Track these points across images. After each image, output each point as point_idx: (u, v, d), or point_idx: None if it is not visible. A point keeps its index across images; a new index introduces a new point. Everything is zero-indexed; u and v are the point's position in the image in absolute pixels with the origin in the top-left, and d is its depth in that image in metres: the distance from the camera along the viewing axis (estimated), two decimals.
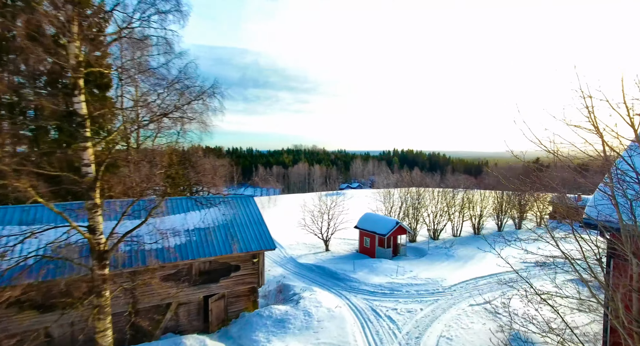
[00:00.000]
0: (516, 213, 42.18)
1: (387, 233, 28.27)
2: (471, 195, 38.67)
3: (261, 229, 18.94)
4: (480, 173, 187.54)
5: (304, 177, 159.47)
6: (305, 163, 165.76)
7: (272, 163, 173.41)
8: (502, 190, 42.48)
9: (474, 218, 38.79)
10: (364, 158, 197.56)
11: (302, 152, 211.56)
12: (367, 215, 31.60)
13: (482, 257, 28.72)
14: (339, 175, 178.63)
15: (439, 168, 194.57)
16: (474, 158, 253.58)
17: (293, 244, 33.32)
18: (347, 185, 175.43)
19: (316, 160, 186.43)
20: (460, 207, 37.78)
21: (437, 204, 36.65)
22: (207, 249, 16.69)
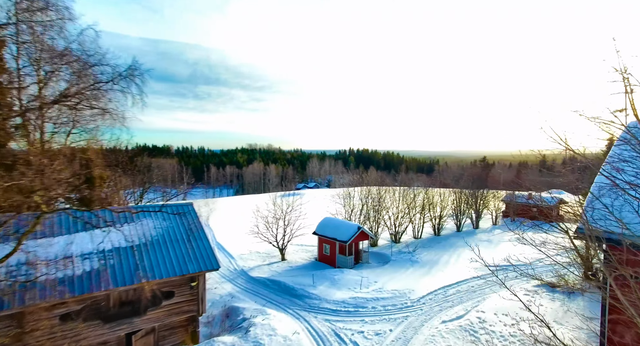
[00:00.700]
0: (473, 213, 42.04)
1: (349, 240, 25.93)
2: (431, 196, 37.66)
3: (202, 245, 15.59)
4: (432, 171, 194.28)
5: (259, 177, 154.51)
6: (260, 163, 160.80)
7: (225, 163, 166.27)
8: (456, 188, 42.18)
9: (434, 219, 37.85)
10: (320, 157, 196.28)
11: (257, 151, 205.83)
12: (327, 219, 29.09)
13: (446, 262, 27.38)
14: (296, 174, 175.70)
15: (393, 167, 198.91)
16: (425, 157, 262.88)
17: (245, 254, 29.95)
18: (303, 185, 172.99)
19: (272, 160, 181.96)
20: (421, 208, 36.60)
21: (398, 205, 35.12)
22: (128, 275, 13.08)
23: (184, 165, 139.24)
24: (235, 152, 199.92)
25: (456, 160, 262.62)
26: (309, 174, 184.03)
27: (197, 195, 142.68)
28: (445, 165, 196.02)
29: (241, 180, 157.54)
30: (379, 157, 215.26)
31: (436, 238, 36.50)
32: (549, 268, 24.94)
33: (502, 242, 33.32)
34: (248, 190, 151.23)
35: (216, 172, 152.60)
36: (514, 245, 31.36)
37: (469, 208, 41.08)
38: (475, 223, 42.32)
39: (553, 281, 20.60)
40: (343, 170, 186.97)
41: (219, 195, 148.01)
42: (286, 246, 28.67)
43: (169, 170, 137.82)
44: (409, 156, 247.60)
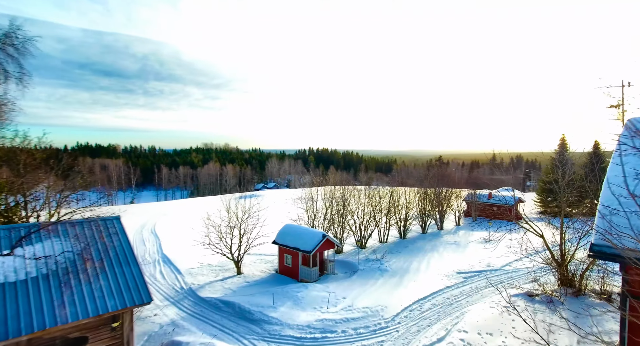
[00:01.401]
0: (437, 214, 41.19)
1: (313, 250, 23.30)
2: (397, 199, 36.10)
3: (129, 272, 12.17)
4: (390, 171, 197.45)
5: (216, 178, 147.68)
6: (216, 163, 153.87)
7: (178, 164, 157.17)
8: (420, 187, 41.16)
9: (400, 221, 36.33)
10: (279, 157, 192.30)
11: (213, 151, 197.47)
12: (288, 227, 26.24)
13: (417, 269, 25.64)
14: (254, 175, 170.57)
15: (353, 167, 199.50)
16: (383, 156, 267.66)
17: (195, 268, 26.29)
18: (262, 185, 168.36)
19: (229, 160, 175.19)
20: (387, 211, 34.88)
21: (364, 209, 33.10)
22: (13, 324, 9.45)
23: (131, 165, 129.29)
24: (190, 152, 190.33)
25: (412, 159, 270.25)
26: (268, 174, 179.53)
27: (146, 197, 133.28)
28: (403, 164, 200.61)
29: (196, 181, 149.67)
30: (338, 157, 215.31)
31: (402, 241, 34.96)
32: (521, 272, 23.97)
33: (469, 244, 32.41)
34: (204, 191, 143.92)
35: (168, 173, 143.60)
36: (481, 249, 30.52)
37: (433, 209, 40.13)
38: (440, 224, 41.51)
39: (531, 291, 19.35)
40: (303, 170, 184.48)
41: (171, 197, 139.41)
42: (242, 257, 25.45)
43: (114, 171, 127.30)
44: (368, 155, 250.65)
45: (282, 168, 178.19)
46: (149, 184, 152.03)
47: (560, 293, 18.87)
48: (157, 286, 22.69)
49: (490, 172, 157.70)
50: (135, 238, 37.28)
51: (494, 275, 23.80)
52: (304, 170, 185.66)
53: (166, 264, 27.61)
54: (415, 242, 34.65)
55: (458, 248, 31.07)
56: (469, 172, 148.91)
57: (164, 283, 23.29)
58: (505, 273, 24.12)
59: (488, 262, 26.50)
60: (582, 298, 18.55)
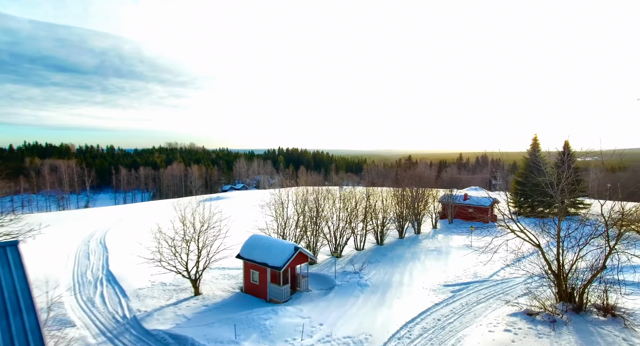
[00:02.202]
0: (414, 218, 39.18)
1: (283, 265, 20.16)
2: (374, 203, 33.62)
3: (18, 325, 8.51)
4: (361, 170, 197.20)
5: (180, 179, 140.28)
6: (180, 164, 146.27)
7: (139, 164, 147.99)
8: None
9: (377, 227, 33.90)
10: (248, 157, 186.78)
11: (178, 150, 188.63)
12: (255, 238, 22.91)
13: (399, 283, 23.13)
14: (221, 175, 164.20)
15: (323, 167, 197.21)
16: (353, 156, 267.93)
17: (144, 288, 22.37)
18: (230, 187, 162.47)
19: (194, 160, 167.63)
20: (364, 216, 32.31)
21: (339, 215, 30.33)
22: None
23: (85, 166, 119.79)
24: (152, 152, 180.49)
25: (381, 158, 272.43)
26: (236, 175, 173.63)
27: (103, 201, 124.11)
28: (373, 164, 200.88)
29: (158, 182, 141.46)
30: (308, 157, 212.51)
31: (380, 248, 32.53)
32: (512, 283, 22.05)
33: (451, 250, 30.44)
34: (167, 193, 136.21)
35: (127, 174, 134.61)
36: (463, 256, 28.62)
37: (410, 213, 38.05)
38: (417, 228, 39.56)
39: (530, 309, 17.25)
40: (272, 170, 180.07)
41: (131, 200, 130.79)
42: (201, 275, 21.82)
43: (65, 172, 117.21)
44: (338, 155, 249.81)
45: (251, 168, 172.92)
46: (107, 186, 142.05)
47: (560, 310, 16.91)
48: (93, 316, 18.66)
49: (458, 172, 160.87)
50: (79, 251, 32.46)
51: (483, 287, 21.71)
52: (274, 170, 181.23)
53: (110, 284, 23.44)
54: (394, 248, 32.30)
55: (440, 256, 28.98)
56: (437, 172, 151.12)
57: (102, 311, 19.28)
58: (495, 285, 22.11)
59: (474, 272, 24.48)
60: (585, 315, 16.68)
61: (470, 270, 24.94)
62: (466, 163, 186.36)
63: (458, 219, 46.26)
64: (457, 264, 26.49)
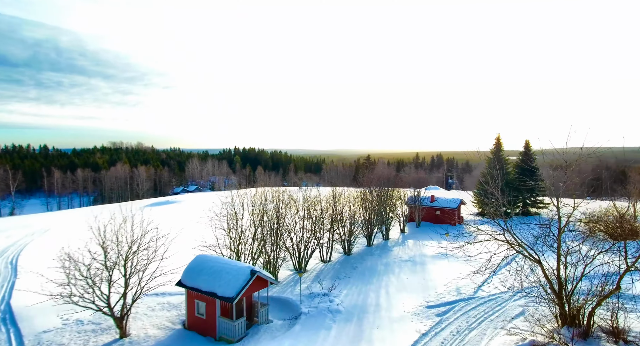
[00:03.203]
0: (382, 222, 36.37)
1: (237, 295, 16.01)
2: (340, 208, 30.23)
3: None
4: (320, 170, 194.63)
5: (125, 182, 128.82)
6: (126, 165, 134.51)
7: (77, 165, 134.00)
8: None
9: (344, 235, 30.56)
10: (202, 157, 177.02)
11: (123, 150, 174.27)
12: (201, 260, 18.46)
13: (376, 306, 19.81)
14: (172, 177, 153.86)
15: (281, 167, 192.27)
16: (312, 156, 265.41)
17: (51, 330, 17.07)
18: (182, 189, 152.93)
19: (142, 161, 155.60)
20: (330, 225, 28.78)
21: (303, 224, 26.55)
22: None
23: (10, 168, 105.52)
24: (93, 152, 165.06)
25: (340, 158, 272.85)
26: (189, 176, 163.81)
27: (33, 207, 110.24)
28: (332, 163, 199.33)
29: (100, 185, 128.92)
30: (266, 156, 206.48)
31: (348, 259, 29.21)
32: (501, 301, 19.54)
33: (426, 260, 27.79)
34: (110, 197, 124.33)
35: (62, 177, 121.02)
36: (440, 267, 26.06)
37: (378, 218, 35.17)
38: (386, 234, 36.80)
39: (537, 341, 14.59)
40: (228, 170, 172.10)
41: (67, 206, 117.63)
42: (129, 310, 17.00)
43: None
44: (297, 155, 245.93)
45: (205, 169, 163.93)
46: (38, 190, 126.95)
47: (567, 338, 14.45)
48: None
49: (416, 171, 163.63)
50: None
51: (470, 307, 18.99)
52: (230, 171, 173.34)
53: (4, 325, 17.81)
54: (364, 259, 29.11)
55: (415, 268, 26.16)
56: (396, 171, 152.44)
57: None
58: (482, 303, 19.49)
59: (456, 286, 21.83)
60: (594, 342, 14.37)
61: (452, 284, 22.27)
62: (422, 163, 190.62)
63: (425, 222, 44.35)
64: (435, 277, 23.78)
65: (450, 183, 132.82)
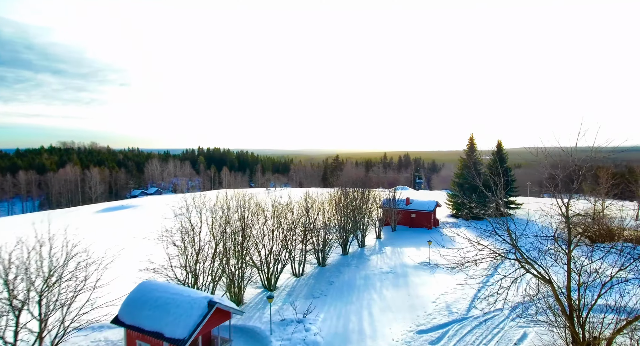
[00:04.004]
0: (357, 227, 33.83)
1: (190, 337, 12.60)
2: (314, 215, 27.27)
3: None
4: (288, 171, 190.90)
5: (75, 184, 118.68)
6: (76, 166, 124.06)
7: (19, 167, 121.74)
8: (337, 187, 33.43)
9: (319, 245, 27.65)
10: (163, 157, 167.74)
11: (74, 151, 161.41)
12: (145, 289, 14.76)
13: (359, 332, 17.03)
14: (130, 179, 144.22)
15: (248, 167, 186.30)
16: (279, 155, 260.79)
17: None
18: (141, 191, 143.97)
19: (95, 162, 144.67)
20: (303, 235, 25.71)
21: (273, 236, 23.31)
22: None
23: None
24: (40, 152, 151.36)
25: (308, 158, 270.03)
26: (149, 177, 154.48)
27: None
28: (300, 163, 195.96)
29: (46, 189, 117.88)
30: (232, 157, 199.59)
31: (323, 272, 26.33)
32: (497, 321, 17.38)
33: (408, 271, 25.41)
34: (59, 202, 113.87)
35: (1, 180, 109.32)
36: (425, 278, 23.79)
37: (353, 224, 32.58)
38: (362, 240, 34.29)
39: None
40: (192, 171, 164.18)
41: (7, 212, 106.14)
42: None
43: None
44: (264, 155, 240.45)
45: (166, 170, 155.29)
46: None
47: None
48: None
49: (384, 171, 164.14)
50: None
51: (466, 331, 16.67)
52: (193, 172, 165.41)
53: None
54: (340, 271, 26.32)
55: (398, 281, 23.69)
56: (365, 171, 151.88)
57: None
58: (479, 325, 17.24)
59: (446, 304, 19.53)
60: None
61: (440, 301, 19.95)
62: (390, 163, 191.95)
63: (401, 225, 42.39)
64: (421, 292, 21.40)
65: (419, 183, 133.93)
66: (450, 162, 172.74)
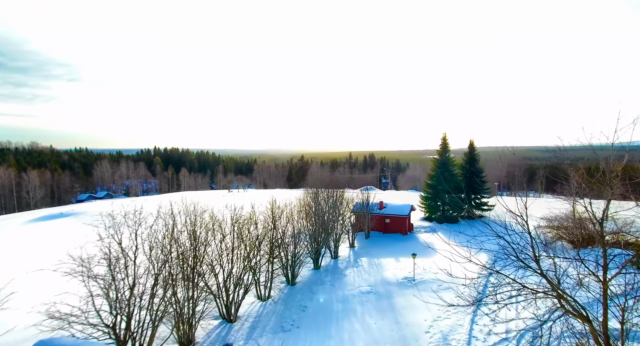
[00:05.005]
0: (329, 237, 30.37)
1: None
2: (283, 227, 23.41)
3: None
4: (251, 171, 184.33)
5: (10, 189, 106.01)
6: (11, 168, 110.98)
7: None
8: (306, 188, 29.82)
9: (288, 261, 23.84)
10: (114, 158, 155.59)
11: (10, 151, 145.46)
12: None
13: None
14: (76, 182, 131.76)
15: (209, 168, 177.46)
16: (242, 156, 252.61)
17: None
18: (89, 195, 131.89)
19: (35, 163, 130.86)
20: (270, 252, 21.78)
21: (232, 256, 19.20)
22: None
23: None
24: None
25: (272, 158, 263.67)
26: (98, 180, 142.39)
27: None
28: (264, 164, 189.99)
29: None
30: (192, 157, 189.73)
31: (293, 293, 22.57)
32: None
33: (392, 289, 22.20)
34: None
35: None
36: (410, 301, 20.73)
37: (325, 235, 29.11)
38: (334, 251, 30.88)
39: None
40: (147, 173, 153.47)
41: None
42: None
43: None
44: (226, 155, 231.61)
45: (118, 172, 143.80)
46: None
47: None
48: None
49: (350, 171, 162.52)
50: None
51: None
52: (148, 173, 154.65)
53: None
54: (314, 291, 22.67)
55: (381, 303, 20.43)
56: (331, 171, 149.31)
57: None
58: None
59: (442, 334, 16.49)
60: None
61: (435, 330, 16.90)
62: (356, 163, 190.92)
63: (374, 231, 39.49)
64: (411, 319, 18.26)
65: (385, 183, 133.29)
66: (415, 162, 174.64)
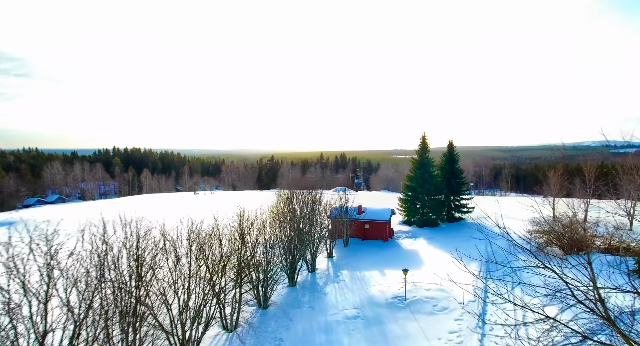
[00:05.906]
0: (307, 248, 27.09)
1: None
2: (253, 241, 19.82)
3: None
4: (219, 172, 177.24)
5: None
6: None
7: None
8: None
9: (260, 281, 20.29)
10: (67, 159, 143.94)
11: None
12: None
13: None
14: (22, 185, 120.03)
15: (174, 169, 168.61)
16: (209, 156, 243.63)
17: None
18: (37, 199, 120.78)
19: None
20: (237, 273, 18.14)
21: (189, 283, 15.43)
22: None
23: None
24: None
25: (241, 159, 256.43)
26: (49, 183, 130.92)
27: None
28: (233, 164, 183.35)
29: None
30: (155, 158, 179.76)
31: (266, 319, 19.11)
32: None
33: (381, 312, 19.21)
34: None
35: None
36: (402, 323, 17.86)
37: (303, 243, 25.82)
38: (312, 264, 27.62)
39: None
40: (105, 175, 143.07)
41: None
42: None
43: None
44: (192, 156, 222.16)
45: (72, 174, 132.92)
46: None
47: None
48: None
49: (322, 172, 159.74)
50: None
51: None
52: (107, 175, 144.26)
53: None
54: (290, 317, 19.28)
55: (371, 331, 17.38)
56: (302, 172, 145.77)
57: None
58: None
59: None
60: None
61: None
62: (327, 163, 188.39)
63: (353, 238, 36.58)
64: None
65: (357, 184, 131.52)
66: (387, 162, 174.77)
